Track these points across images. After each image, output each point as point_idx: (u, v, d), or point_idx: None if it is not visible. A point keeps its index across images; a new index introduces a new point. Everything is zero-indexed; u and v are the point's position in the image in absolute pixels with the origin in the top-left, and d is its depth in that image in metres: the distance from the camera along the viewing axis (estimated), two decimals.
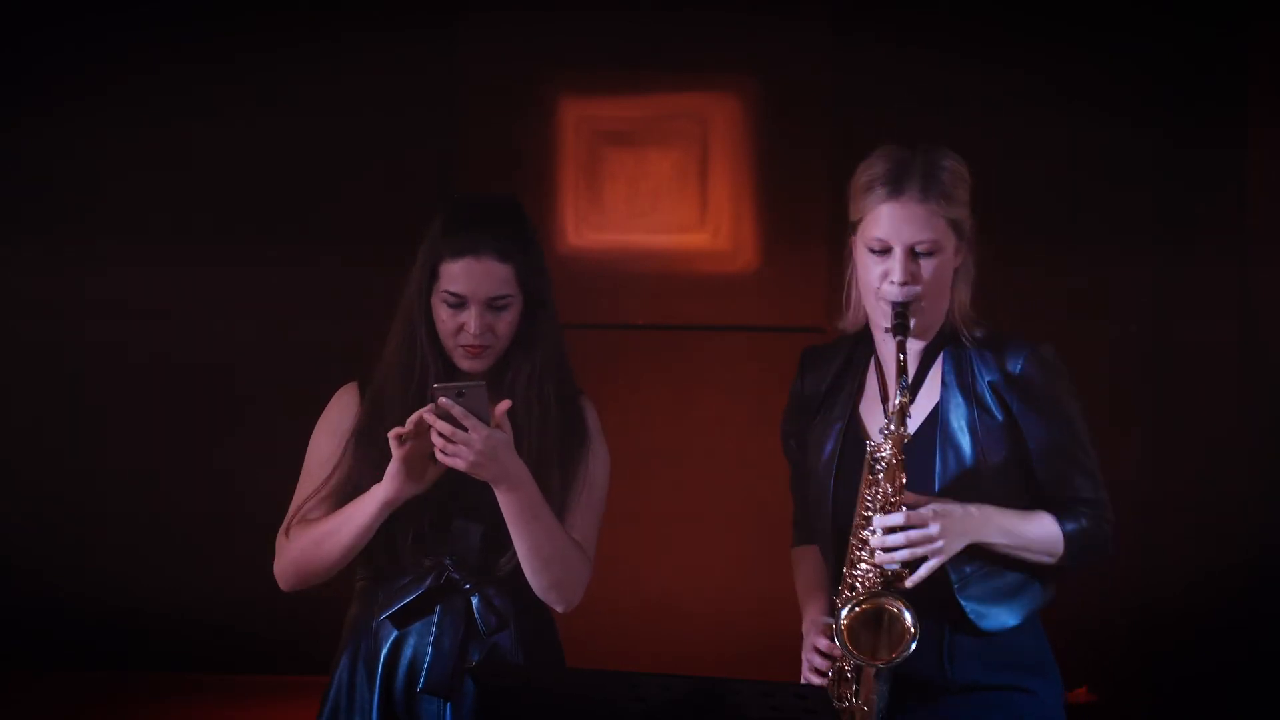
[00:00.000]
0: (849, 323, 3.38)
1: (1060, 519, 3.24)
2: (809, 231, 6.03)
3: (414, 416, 3.24)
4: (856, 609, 3.17)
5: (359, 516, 3.30)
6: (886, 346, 3.29)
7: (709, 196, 6.28)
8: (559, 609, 3.38)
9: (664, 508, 6.19)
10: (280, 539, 3.40)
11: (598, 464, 3.44)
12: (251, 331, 6.20)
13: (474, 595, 3.37)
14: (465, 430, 3.22)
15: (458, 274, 3.33)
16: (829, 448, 3.34)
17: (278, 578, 3.43)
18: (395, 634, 3.39)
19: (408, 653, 3.39)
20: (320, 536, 3.34)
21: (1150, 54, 5.94)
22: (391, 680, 3.39)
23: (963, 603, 3.23)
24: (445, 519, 3.37)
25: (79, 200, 6.23)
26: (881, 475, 3.19)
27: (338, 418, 3.44)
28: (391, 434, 3.24)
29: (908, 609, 3.15)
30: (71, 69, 6.18)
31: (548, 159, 6.29)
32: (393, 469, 3.26)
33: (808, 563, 3.47)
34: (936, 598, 3.22)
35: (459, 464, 3.23)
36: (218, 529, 6.14)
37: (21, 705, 6.02)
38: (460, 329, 3.34)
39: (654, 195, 6.29)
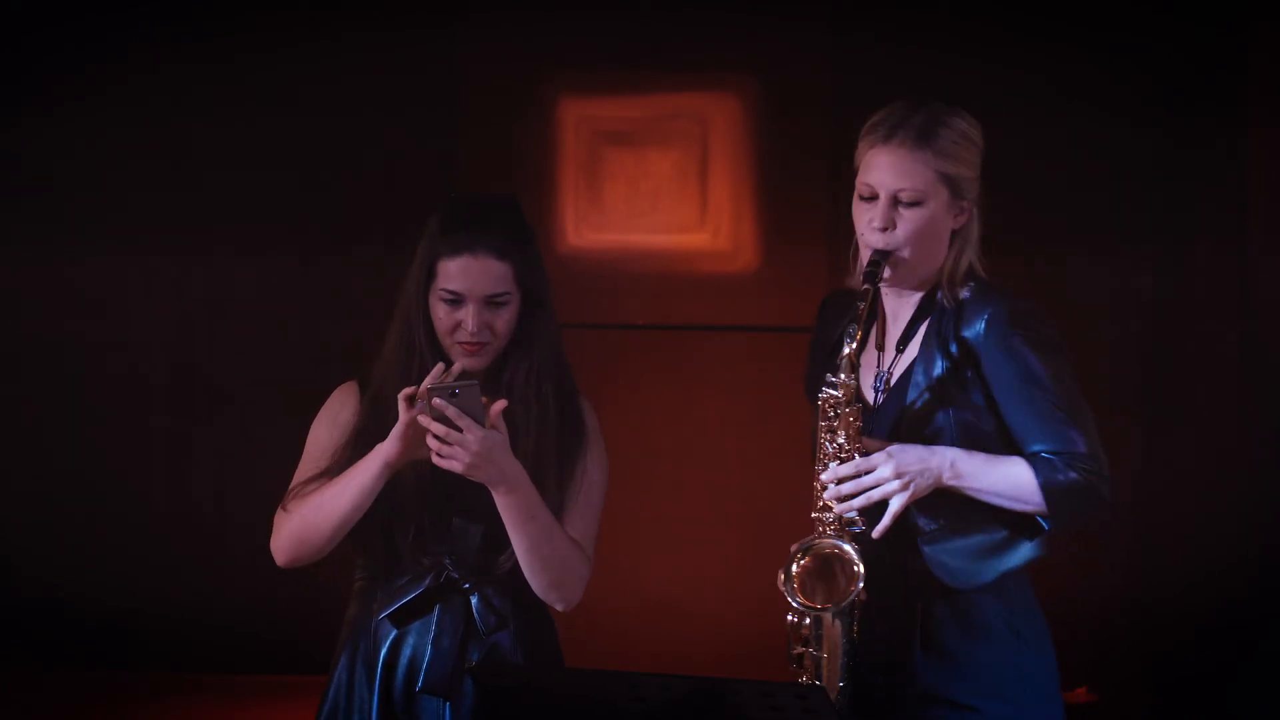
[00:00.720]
0: (857, 279, 3.37)
1: (1039, 470, 3.16)
2: (809, 231, 6.03)
3: (427, 379, 3.24)
4: (801, 562, 3.16)
5: (360, 477, 3.29)
6: (891, 301, 3.28)
7: (709, 196, 6.28)
8: (559, 608, 3.38)
9: (664, 508, 6.19)
10: (278, 515, 3.40)
11: (596, 463, 3.44)
12: (252, 331, 6.21)
13: (473, 595, 3.37)
14: (460, 431, 3.22)
15: (455, 272, 3.34)
16: None
17: (275, 552, 3.42)
18: (394, 633, 3.39)
19: (407, 652, 3.39)
20: (321, 501, 3.33)
21: (1150, 54, 5.94)
22: (390, 680, 3.39)
23: (930, 556, 3.20)
24: (444, 518, 3.37)
25: (78, 200, 6.23)
26: (836, 423, 3.18)
27: (337, 409, 3.45)
28: (401, 394, 3.25)
29: (850, 545, 3.14)
30: (72, 69, 6.18)
31: (548, 159, 6.29)
32: (398, 430, 3.25)
33: None
34: (906, 552, 3.21)
35: (455, 466, 3.23)
36: (217, 529, 6.14)
37: (21, 705, 6.02)
38: (458, 326, 3.34)
39: (654, 195, 6.29)
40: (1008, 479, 3.17)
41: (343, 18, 6.19)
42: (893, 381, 3.27)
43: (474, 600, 3.37)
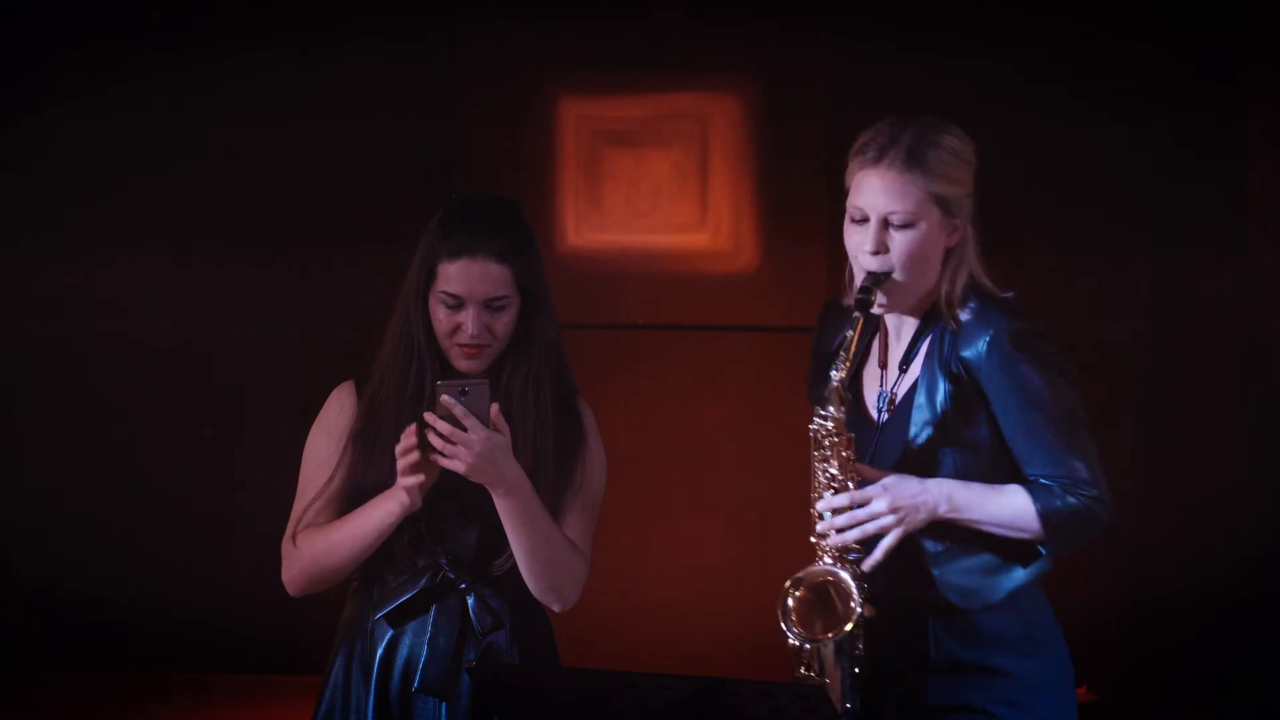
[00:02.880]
0: (851, 299, 3.36)
1: (1035, 495, 3.14)
2: (809, 231, 6.03)
3: (408, 432, 3.23)
4: (796, 594, 3.15)
5: (376, 521, 3.28)
6: (892, 320, 3.27)
7: (709, 196, 6.29)
8: (556, 609, 3.38)
9: (664, 508, 6.19)
10: (286, 546, 3.39)
11: (594, 465, 3.44)
12: (252, 331, 6.21)
13: (470, 595, 3.37)
14: (465, 430, 3.21)
15: (455, 275, 3.33)
16: None
17: (287, 585, 3.42)
18: (391, 633, 3.39)
19: (403, 652, 3.39)
20: (335, 543, 3.33)
21: (1150, 54, 5.94)
22: (387, 680, 3.38)
23: (940, 578, 3.19)
24: (441, 519, 3.37)
25: (78, 200, 6.23)
26: (829, 453, 3.16)
27: (335, 417, 3.44)
28: (398, 451, 3.24)
29: (844, 571, 3.12)
30: (72, 70, 6.18)
31: (548, 159, 6.29)
32: (406, 481, 3.24)
33: None
34: (915, 577, 3.19)
35: (458, 466, 3.22)
36: (218, 529, 6.14)
37: (21, 705, 6.03)
38: (457, 329, 3.34)
39: (654, 195, 6.29)
40: (1005, 509, 3.16)
41: (343, 18, 6.20)
42: (896, 401, 3.26)
43: (470, 600, 3.37)
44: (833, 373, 3.15)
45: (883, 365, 3.30)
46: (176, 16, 6.17)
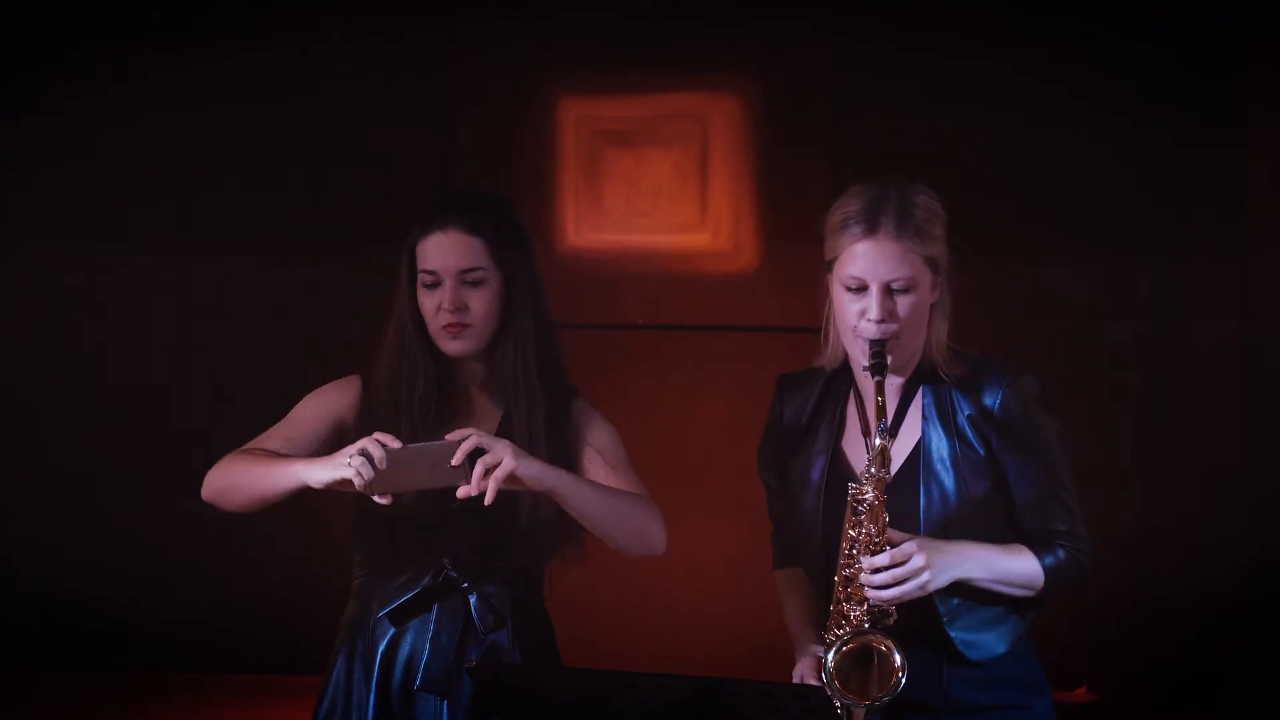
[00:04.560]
0: (828, 360, 3.41)
1: (1039, 553, 3.25)
2: (809, 231, 5.97)
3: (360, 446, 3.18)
4: (844, 648, 3.19)
5: (276, 483, 3.27)
6: (867, 382, 3.31)
7: (709, 196, 6.28)
8: (653, 553, 3.37)
9: (664, 508, 6.16)
10: (231, 453, 3.40)
11: (599, 431, 3.45)
12: (251, 331, 6.20)
13: (472, 594, 3.37)
14: (486, 452, 3.20)
15: (429, 250, 3.40)
16: (814, 483, 3.38)
17: (203, 483, 3.41)
18: (392, 631, 3.39)
19: (405, 650, 3.39)
20: (246, 474, 3.32)
21: (1150, 54, 5.94)
22: (388, 678, 3.39)
23: (952, 635, 3.26)
24: (443, 518, 3.37)
25: (78, 199, 6.23)
26: (865, 517, 3.21)
27: (337, 393, 3.48)
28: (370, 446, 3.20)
29: (896, 647, 3.17)
30: (72, 69, 6.18)
31: (548, 159, 6.28)
32: (335, 466, 3.20)
33: (795, 594, 3.48)
34: (928, 632, 3.25)
35: (506, 468, 3.18)
36: (218, 529, 6.13)
37: (21, 705, 6.02)
38: (439, 310, 3.37)
39: (654, 195, 6.29)
40: (1017, 570, 3.25)
41: (342, 18, 6.20)
42: (896, 465, 3.27)
43: (472, 599, 3.38)
44: (875, 438, 3.19)
45: (865, 433, 3.35)
46: (176, 16, 6.16)
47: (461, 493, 3.16)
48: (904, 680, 3.14)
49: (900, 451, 3.29)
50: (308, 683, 3.54)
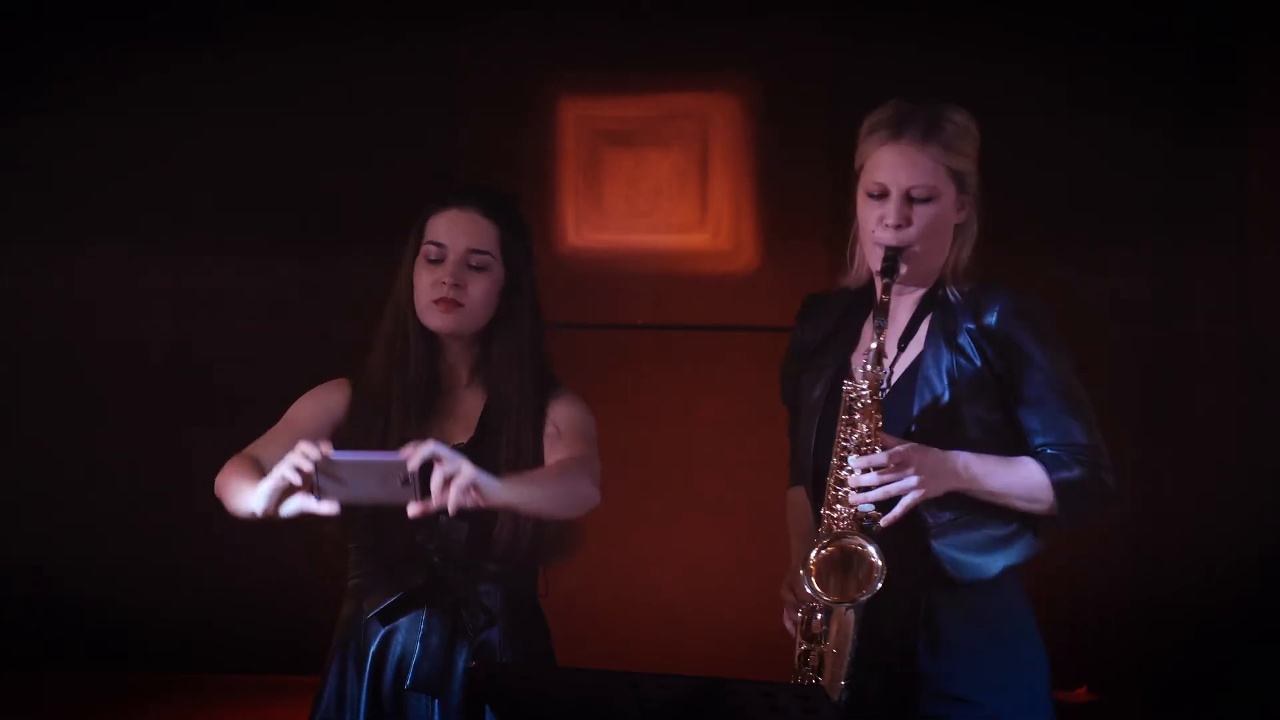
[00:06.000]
0: (853, 279, 3.38)
1: (1049, 467, 3.18)
2: (809, 231, 6.03)
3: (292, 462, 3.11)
4: (822, 551, 3.15)
5: (240, 510, 3.26)
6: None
7: (709, 196, 6.29)
8: (591, 506, 3.32)
9: (664, 508, 6.19)
10: (234, 457, 3.44)
11: (562, 409, 3.41)
12: (251, 331, 6.21)
13: (461, 593, 3.38)
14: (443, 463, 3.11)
15: (441, 223, 3.42)
16: (817, 391, 3.34)
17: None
18: (383, 631, 3.40)
19: (396, 650, 3.40)
20: (227, 492, 3.35)
21: (1150, 54, 5.94)
22: (380, 677, 3.39)
23: (938, 550, 3.20)
24: (432, 518, 3.37)
25: (77, 199, 6.23)
26: (859, 416, 3.17)
27: (325, 394, 3.49)
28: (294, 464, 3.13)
29: (872, 545, 3.12)
30: (72, 69, 6.18)
31: (548, 159, 6.29)
32: (269, 484, 3.13)
33: (797, 509, 3.46)
34: (913, 546, 3.20)
35: (465, 484, 3.09)
36: (217, 530, 6.13)
37: (21, 705, 6.03)
38: (436, 285, 3.37)
39: (654, 195, 6.29)
40: (1020, 480, 3.19)
41: (342, 18, 6.20)
42: (894, 379, 3.27)
43: (462, 599, 3.38)
44: (875, 336, 3.17)
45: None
46: (176, 16, 6.17)
47: (414, 511, 3.01)
48: (881, 581, 3.09)
49: (903, 364, 3.27)
50: (308, 683, 3.55)
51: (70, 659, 6.23)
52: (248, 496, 3.21)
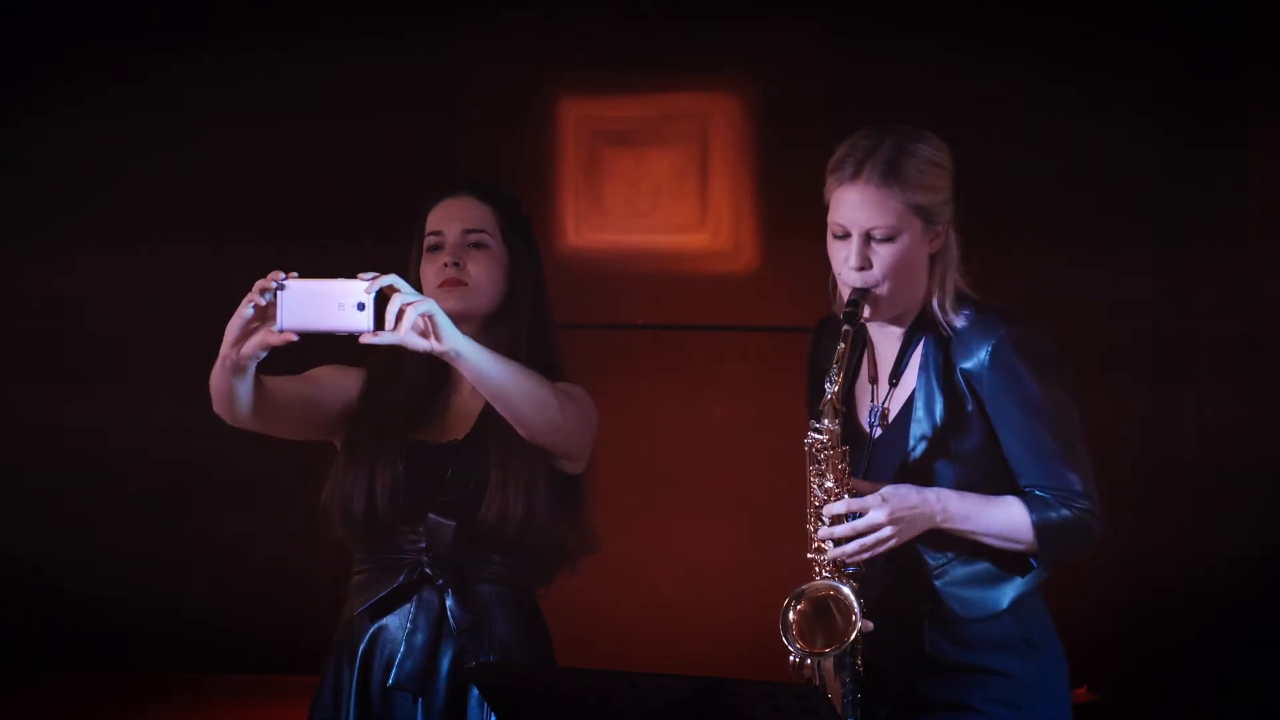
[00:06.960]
0: (839, 310, 3.36)
1: (1033, 508, 3.13)
2: (809, 231, 5.98)
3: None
4: (797, 608, 3.13)
5: (219, 380, 3.54)
6: (874, 331, 3.27)
7: (709, 196, 6.28)
8: (554, 425, 3.31)
9: (664, 508, 6.19)
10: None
11: (567, 390, 3.42)
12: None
13: (448, 591, 3.37)
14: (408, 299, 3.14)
15: (438, 213, 3.48)
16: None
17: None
18: (371, 628, 3.40)
19: (384, 647, 3.40)
20: (215, 376, 3.56)
21: (1150, 54, 5.94)
22: (368, 674, 3.40)
23: (941, 590, 3.18)
24: (421, 514, 3.37)
25: (77, 199, 6.23)
26: (824, 466, 3.13)
27: (344, 371, 3.55)
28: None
29: (845, 586, 3.09)
30: (72, 69, 6.18)
31: (548, 159, 6.29)
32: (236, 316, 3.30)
33: None
34: (916, 589, 3.18)
35: (426, 308, 3.12)
36: (218, 530, 6.14)
37: (21, 705, 6.03)
38: (440, 268, 3.39)
39: (654, 195, 6.29)
40: (1001, 520, 3.14)
41: (343, 18, 6.20)
42: (890, 417, 3.24)
43: (448, 597, 3.37)
44: (826, 385, 3.13)
45: (873, 380, 3.29)
46: (176, 16, 6.16)
47: (365, 339, 3.08)
48: (859, 623, 3.07)
49: (898, 402, 3.23)
50: (307, 683, 3.55)
51: (70, 659, 6.23)
52: (224, 370, 3.42)
